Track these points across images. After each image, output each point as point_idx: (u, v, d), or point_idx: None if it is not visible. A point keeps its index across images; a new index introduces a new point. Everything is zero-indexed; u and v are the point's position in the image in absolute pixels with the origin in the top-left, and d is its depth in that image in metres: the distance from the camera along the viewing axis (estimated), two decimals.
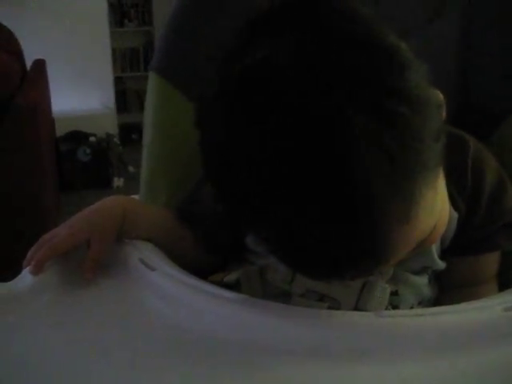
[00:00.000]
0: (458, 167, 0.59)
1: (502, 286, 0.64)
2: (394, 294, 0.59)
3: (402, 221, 0.42)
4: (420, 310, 0.54)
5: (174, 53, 0.77)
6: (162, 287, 0.55)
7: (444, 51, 0.74)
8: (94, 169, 3.27)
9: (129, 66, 4.55)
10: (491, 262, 0.64)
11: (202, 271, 0.63)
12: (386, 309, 0.57)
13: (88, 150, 3.27)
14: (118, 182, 3.34)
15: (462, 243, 0.61)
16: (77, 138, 3.33)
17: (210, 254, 0.66)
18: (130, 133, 3.87)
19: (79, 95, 3.65)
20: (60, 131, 3.22)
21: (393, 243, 0.43)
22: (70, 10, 3.51)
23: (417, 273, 0.60)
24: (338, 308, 0.57)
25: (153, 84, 0.78)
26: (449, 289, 0.64)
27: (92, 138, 3.35)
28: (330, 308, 0.56)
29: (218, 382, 0.46)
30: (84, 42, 3.62)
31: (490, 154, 0.63)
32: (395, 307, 0.59)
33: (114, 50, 4.10)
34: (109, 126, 3.58)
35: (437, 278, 0.65)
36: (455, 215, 0.59)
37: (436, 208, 0.47)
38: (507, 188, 0.62)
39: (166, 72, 0.77)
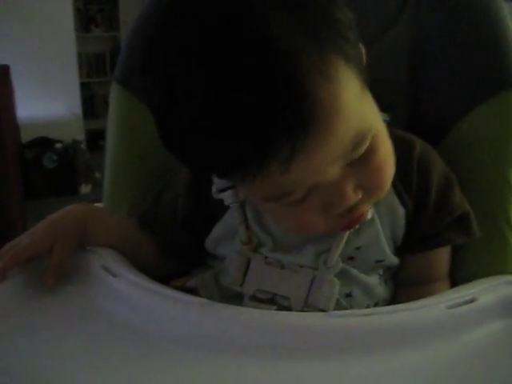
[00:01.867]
0: (404, 166, 0.61)
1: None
2: (348, 295, 0.61)
3: (321, 75, 0.45)
4: (368, 310, 0.57)
5: (131, 65, 0.79)
6: (124, 293, 0.57)
7: (396, 61, 0.77)
8: (60, 176, 3.24)
9: (95, 71, 4.52)
10: (442, 258, 0.67)
11: (165, 277, 0.65)
12: (342, 307, 0.60)
13: (54, 157, 3.24)
14: (85, 188, 3.32)
15: (413, 240, 0.64)
16: (43, 144, 3.29)
17: (171, 260, 0.68)
18: (98, 139, 3.84)
19: (45, 101, 3.61)
20: (25, 138, 3.18)
21: (317, 102, 0.45)
22: (34, 15, 3.47)
23: (369, 272, 0.63)
24: (288, 305, 0.59)
25: (113, 92, 0.80)
26: (403, 288, 0.67)
27: (58, 145, 3.32)
28: (279, 307, 0.59)
29: (177, 381, 0.47)
30: (49, 48, 3.59)
31: (437, 154, 0.66)
32: (350, 308, 0.61)
33: (80, 56, 4.08)
34: (75, 132, 3.56)
35: (393, 278, 0.67)
36: (402, 211, 0.62)
37: (369, 114, 0.51)
38: (454, 185, 0.64)
39: (124, 81, 0.79)
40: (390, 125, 0.65)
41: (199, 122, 0.46)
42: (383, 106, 0.66)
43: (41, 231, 0.63)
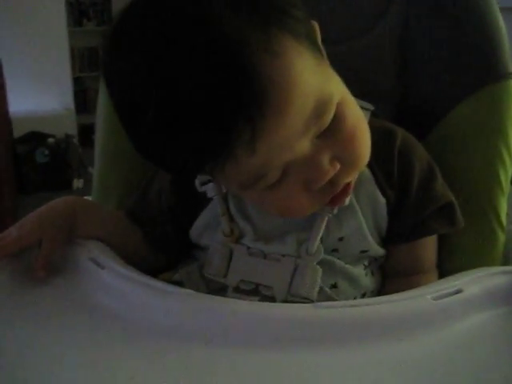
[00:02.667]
0: (385, 157, 0.62)
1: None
2: (334, 286, 0.62)
3: (268, 53, 0.45)
4: (354, 301, 0.57)
5: None
6: (111, 284, 0.57)
7: (385, 54, 0.77)
8: (52, 170, 3.23)
9: (88, 65, 4.50)
10: (427, 249, 0.67)
11: (154, 271, 0.65)
12: (327, 297, 0.60)
13: (46, 152, 3.23)
14: (77, 183, 3.31)
15: (397, 231, 0.64)
16: (35, 139, 3.28)
17: (158, 253, 0.68)
18: (90, 133, 3.81)
19: (37, 96, 3.60)
20: (17, 132, 3.17)
21: (268, 80, 0.45)
22: (26, 9, 3.45)
23: (354, 263, 0.63)
24: (271, 294, 0.59)
25: (102, 86, 0.80)
26: (390, 279, 0.67)
27: (51, 140, 3.31)
28: (262, 297, 0.59)
29: (164, 373, 0.48)
30: (41, 42, 3.58)
31: (419, 144, 0.66)
32: (337, 299, 0.61)
33: (72, 50, 4.06)
34: (68, 126, 3.54)
35: (380, 268, 0.68)
36: (383, 201, 0.62)
37: (328, 83, 0.51)
38: (436, 175, 0.65)
39: None
40: (375, 115, 0.65)
41: (159, 120, 0.46)
42: (371, 99, 0.67)
43: (30, 224, 0.63)
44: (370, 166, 0.60)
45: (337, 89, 0.52)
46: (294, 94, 0.47)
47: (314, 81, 0.48)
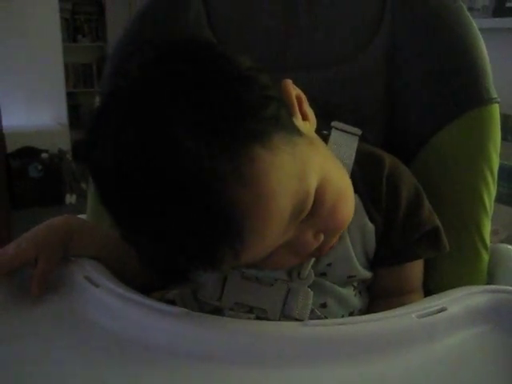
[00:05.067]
0: (373, 183, 0.64)
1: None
2: (323, 306, 0.63)
3: (238, 181, 0.47)
4: (341, 320, 0.59)
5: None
6: (106, 302, 0.58)
7: (371, 82, 0.79)
8: (46, 185, 3.24)
9: (82, 81, 4.52)
10: (413, 271, 0.68)
11: (149, 289, 0.66)
12: (317, 316, 0.62)
13: (40, 167, 3.23)
14: (70, 198, 3.31)
15: (385, 254, 0.65)
16: (28, 154, 3.29)
17: (150, 273, 0.70)
18: None
19: (31, 111, 3.61)
20: (11, 147, 3.17)
21: (243, 208, 0.47)
22: (21, 24, 3.47)
23: (343, 285, 0.65)
24: (265, 317, 0.60)
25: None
26: (377, 298, 0.68)
27: (44, 155, 3.31)
28: (258, 318, 0.60)
29: None
30: (36, 57, 3.59)
31: (407, 170, 0.68)
32: (325, 318, 0.62)
33: (66, 66, 4.08)
34: (61, 142, 3.55)
35: (368, 289, 0.69)
36: (372, 227, 0.64)
37: (305, 174, 0.52)
38: (423, 200, 0.66)
39: None
40: (362, 139, 0.67)
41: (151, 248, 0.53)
42: (360, 122, 0.69)
43: (26, 242, 0.64)
44: (358, 192, 0.62)
45: (315, 172, 0.53)
46: (271, 214, 0.49)
47: (290, 186, 0.50)
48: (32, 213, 2.87)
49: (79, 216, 0.78)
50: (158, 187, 0.47)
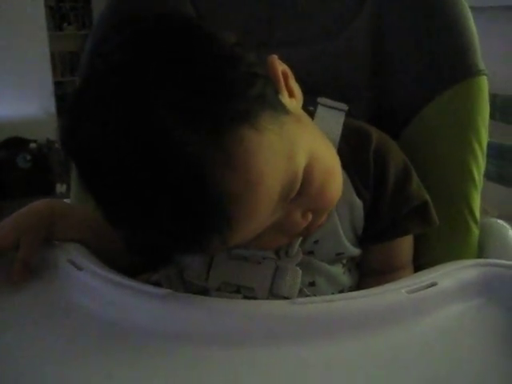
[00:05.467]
0: (360, 159, 0.63)
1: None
2: (312, 284, 0.62)
3: (227, 167, 0.45)
4: (331, 297, 0.58)
5: None
6: (90, 285, 0.57)
7: (359, 53, 0.78)
8: (35, 176, 3.22)
9: (69, 70, 4.47)
10: (403, 247, 0.68)
11: (135, 271, 0.65)
12: (306, 295, 0.61)
13: (28, 157, 3.21)
14: (61, 188, 3.29)
15: (373, 231, 0.64)
16: (16, 144, 3.26)
17: (134, 256, 0.68)
18: None
19: (18, 101, 3.57)
20: None
21: (231, 195, 0.46)
22: (6, 13, 3.43)
23: (332, 262, 0.64)
24: (253, 296, 0.60)
25: None
26: (367, 275, 0.68)
27: (32, 145, 3.29)
28: (245, 298, 0.59)
29: (143, 373, 0.48)
30: (21, 47, 3.55)
31: (395, 144, 0.67)
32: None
33: (53, 54, 4.03)
34: (49, 131, 3.51)
35: (357, 266, 0.68)
36: (360, 203, 0.63)
37: (294, 153, 0.50)
38: (411, 176, 0.65)
39: None
40: (349, 115, 0.66)
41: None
42: (346, 98, 0.68)
43: (7, 227, 0.63)
44: (346, 168, 0.61)
45: (303, 151, 0.52)
46: (260, 197, 0.48)
47: (278, 167, 0.49)
48: (22, 204, 2.83)
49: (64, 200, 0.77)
50: (143, 172, 0.46)
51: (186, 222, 0.47)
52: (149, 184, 0.46)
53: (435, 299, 0.54)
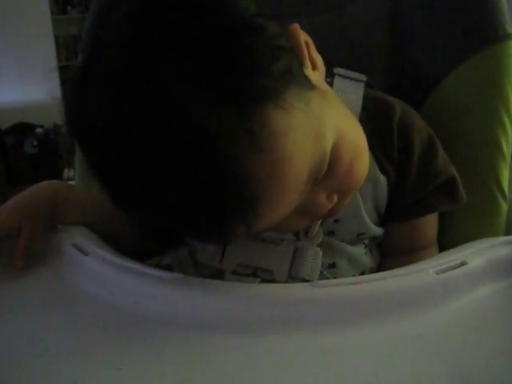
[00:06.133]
0: (383, 132, 0.59)
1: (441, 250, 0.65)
2: (332, 266, 0.59)
3: (253, 147, 0.41)
4: (354, 279, 0.54)
5: None
6: (96, 271, 0.55)
7: (375, 24, 0.74)
8: (42, 161, 3.21)
9: (74, 54, 4.43)
10: (428, 225, 0.64)
11: (142, 254, 0.62)
12: (326, 278, 0.58)
13: (35, 142, 3.20)
14: (68, 173, 3.27)
15: (397, 208, 0.61)
16: (23, 130, 3.26)
17: (144, 239, 0.65)
18: None
19: (23, 86, 3.56)
20: (4, 124, 3.14)
21: (256, 178, 0.42)
22: None
23: (353, 243, 0.61)
24: (271, 278, 0.57)
25: None
26: (389, 256, 0.65)
27: (39, 130, 3.28)
28: (263, 281, 0.56)
29: (154, 359, 0.45)
30: (25, 31, 3.53)
31: (419, 116, 0.63)
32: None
33: (57, 39, 4.00)
34: (56, 116, 3.49)
35: (378, 246, 0.65)
36: (383, 179, 0.60)
37: (322, 133, 0.47)
38: (437, 150, 0.62)
39: None
40: (369, 86, 0.62)
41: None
42: (363, 68, 0.64)
43: (9, 210, 0.60)
44: (368, 142, 0.56)
45: (330, 130, 0.48)
46: (288, 182, 0.44)
47: (307, 148, 0.45)
48: None
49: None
50: (161, 155, 0.41)
51: (207, 210, 0.44)
52: (167, 168, 0.42)
53: (465, 279, 0.51)
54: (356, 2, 0.75)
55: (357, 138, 0.53)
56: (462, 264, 0.52)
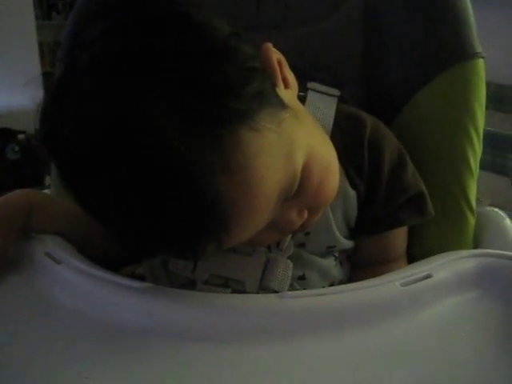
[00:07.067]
0: (354, 147, 0.60)
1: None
2: (302, 278, 0.60)
3: (226, 171, 0.42)
4: (321, 290, 0.55)
5: None
6: (68, 280, 0.55)
7: (350, 37, 0.75)
8: (24, 167, 3.18)
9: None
10: (397, 239, 0.65)
11: (117, 263, 0.63)
12: (296, 289, 0.58)
13: (17, 148, 3.18)
14: (49, 179, 3.25)
15: (367, 222, 0.62)
16: (5, 135, 3.22)
17: (119, 249, 0.66)
18: None
19: (6, 91, 3.52)
20: None
21: (228, 199, 0.43)
22: None
23: (323, 255, 0.61)
24: (243, 289, 0.57)
25: None
26: (359, 268, 0.65)
27: (21, 136, 3.25)
28: (234, 291, 0.57)
29: (125, 368, 0.46)
30: (9, 37, 3.50)
31: (390, 132, 0.64)
32: None
33: (41, 44, 3.97)
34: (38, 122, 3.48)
35: (348, 258, 0.66)
36: (353, 194, 0.60)
37: (293, 152, 0.47)
38: (406, 163, 0.63)
39: None
40: (343, 100, 0.63)
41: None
42: (337, 83, 0.65)
43: None
44: (339, 157, 0.58)
45: (301, 149, 0.49)
46: (259, 201, 0.45)
47: (278, 168, 0.46)
48: None
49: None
50: (134, 175, 0.42)
51: (179, 228, 0.44)
52: (138, 190, 0.43)
53: (431, 292, 0.52)
54: (332, 17, 0.76)
55: (327, 156, 0.54)
56: (428, 276, 0.53)
